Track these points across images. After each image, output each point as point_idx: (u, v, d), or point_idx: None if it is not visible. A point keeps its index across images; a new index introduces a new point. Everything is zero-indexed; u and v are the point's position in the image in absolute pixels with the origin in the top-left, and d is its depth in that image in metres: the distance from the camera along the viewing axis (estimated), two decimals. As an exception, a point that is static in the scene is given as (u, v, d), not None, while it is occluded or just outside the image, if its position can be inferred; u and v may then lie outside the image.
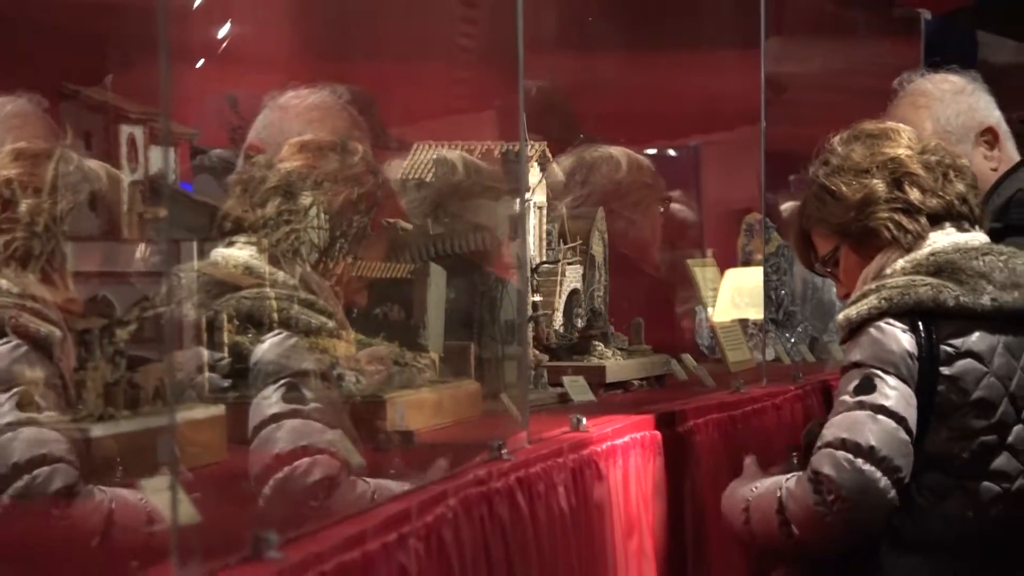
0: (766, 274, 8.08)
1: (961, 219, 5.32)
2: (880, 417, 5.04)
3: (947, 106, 6.05)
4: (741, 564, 5.76)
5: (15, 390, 4.00)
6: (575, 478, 5.02)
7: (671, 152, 9.19)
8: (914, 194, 5.31)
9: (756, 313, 7.89)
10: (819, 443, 5.14)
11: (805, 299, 7.99)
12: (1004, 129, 6.24)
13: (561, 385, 6.11)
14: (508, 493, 4.50)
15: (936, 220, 5.28)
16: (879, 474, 4.99)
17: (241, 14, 7.03)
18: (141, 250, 4.77)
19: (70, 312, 4.40)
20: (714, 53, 9.07)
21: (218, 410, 4.52)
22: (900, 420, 5.03)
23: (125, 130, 5.00)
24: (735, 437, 6.40)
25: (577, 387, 6.10)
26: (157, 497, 3.26)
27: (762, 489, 5.25)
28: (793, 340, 8.06)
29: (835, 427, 5.13)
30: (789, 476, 5.07)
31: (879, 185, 5.33)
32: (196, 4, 6.15)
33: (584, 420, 5.52)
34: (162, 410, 4.25)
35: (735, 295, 7.95)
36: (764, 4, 8.40)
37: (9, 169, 4.50)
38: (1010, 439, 5.09)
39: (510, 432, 5.00)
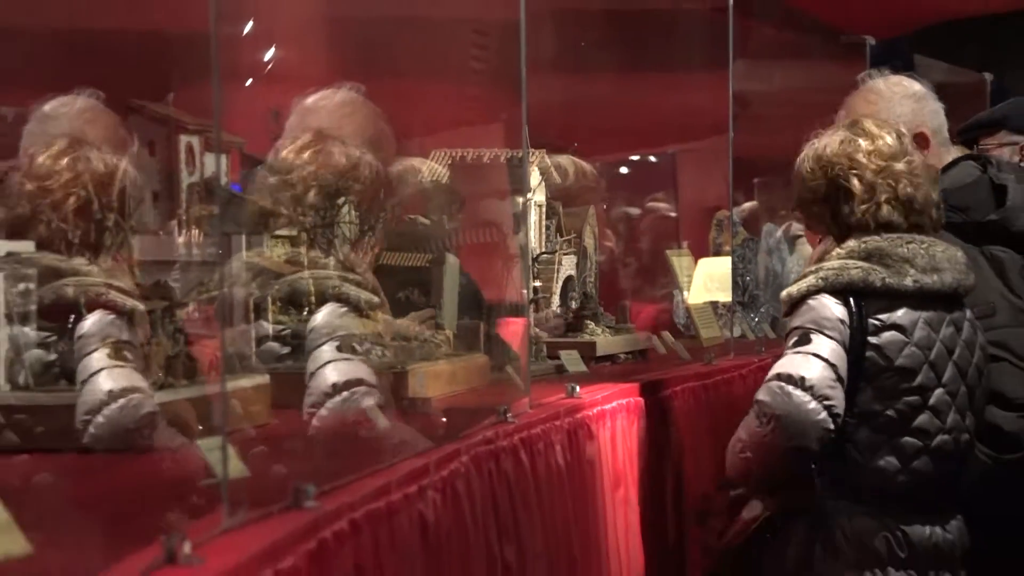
0: (733, 263, 8.10)
1: (915, 217, 5.36)
2: (812, 359, 5.12)
3: (893, 106, 6.02)
4: (714, 511, 5.73)
5: (107, 342, 4.04)
6: (570, 438, 5.03)
7: (652, 159, 9.18)
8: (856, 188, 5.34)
9: (725, 296, 7.90)
10: (766, 380, 5.20)
11: (767, 284, 7.99)
12: (942, 138, 6.18)
13: (558, 358, 6.10)
14: (512, 451, 4.51)
15: (882, 224, 5.30)
16: (808, 398, 5.04)
17: (281, 40, 7.02)
18: (197, 241, 4.79)
19: (130, 294, 4.42)
20: (690, 74, 9.05)
21: (263, 379, 4.52)
22: (831, 365, 5.09)
23: (184, 140, 5.03)
24: (707, 402, 6.40)
25: (571, 360, 6.10)
26: (210, 455, 3.25)
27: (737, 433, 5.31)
28: (757, 319, 8.07)
29: (775, 368, 5.23)
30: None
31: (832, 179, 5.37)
32: (244, 32, 6.14)
33: (578, 388, 5.53)
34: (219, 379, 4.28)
35: (707, 281, 7.97)
36: (731, 32, 8.41)
37: (83, 173, 4.52)
38: (931, 401, 5.13)
39: (514, 399, 5.01)
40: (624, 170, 10.61)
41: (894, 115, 5.93)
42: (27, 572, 2.57)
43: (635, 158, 8.54)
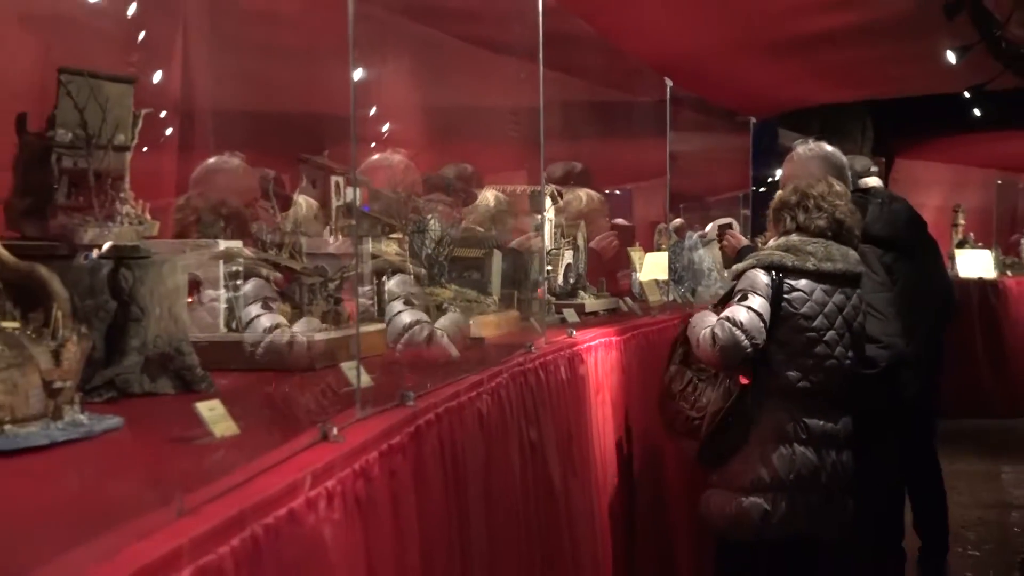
0: (668, 256, 8.05)
1: (818, 229, 5.35)
2: (748, 310, 5.06)
3: (807, 163, 5.90)
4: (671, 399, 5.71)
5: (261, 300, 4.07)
6: (569, 362, 5.00)
7: (618, 192, 9.11)
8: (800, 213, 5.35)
9: (663, 275, 7.84)
10: (719, 317, 5.19)
11: (687, 269, 7.93)
12: (845, 177, 6.10)
13: (562, 313, 6.04)
14: (534, 371, 4.49)
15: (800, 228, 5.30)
16: (740, 334, 5.00)
17: (392, 119, 6.97)
18: (342, 241, 4.75)
19: (304, 273, 4.38)
20: (643, 140, 8.99)
21: (380, 325, 4.49)
22: (759, 315, 5.05)
23: (333, 179, 5.00)
24: (652, 340, 6.36)
25: (570, 314, 6.03)
26: (349, 372, 3.22)
27: (696, 330, 5.26)
28: (682, 290, 8.00)
29: (725, 312, 5.16)
30: (706, 327, 5.11)
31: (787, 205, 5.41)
32: (370, 115, 6.07)
33: (575, 332, 5.49)
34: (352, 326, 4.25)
35: (652, 267, 7.93)
36: (668, 114, 8.34)
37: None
38: (825, 338, 5.11)
39: (535, 338, 4.96)
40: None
41: (807, 170, 5.89)
42: (240, 444, 2.53)
43: (607, 192, 8.46)
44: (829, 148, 6.16)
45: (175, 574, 1.73)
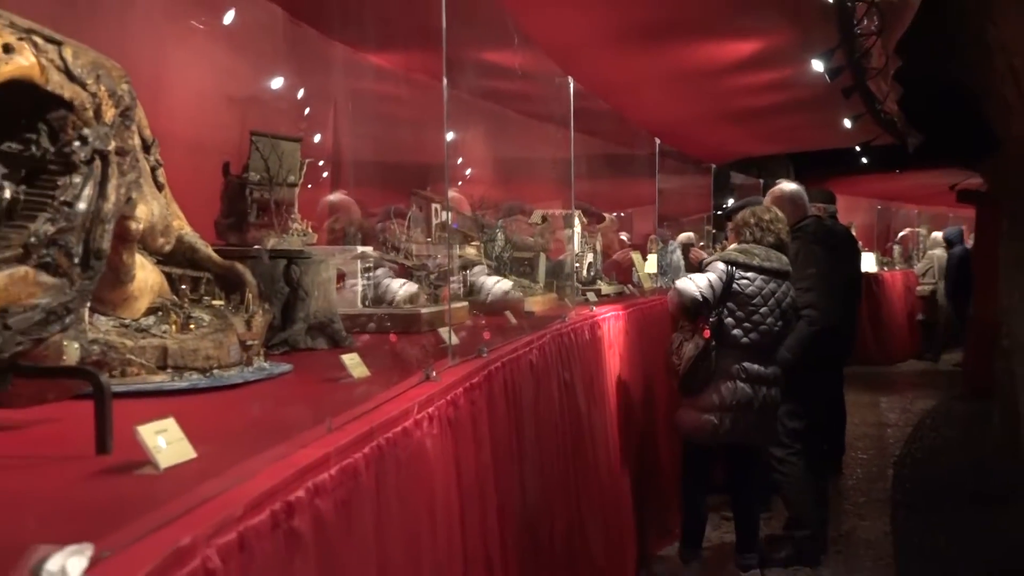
0: (657, 257, 7.99)
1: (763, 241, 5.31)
2: (704, 276, 5.14)
3: (776, 198, 5.89)
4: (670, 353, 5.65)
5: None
6: (591, 327, 4.95)
7: (623, 214, 9.01)
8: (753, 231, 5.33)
9: (654, 270, 7.78)
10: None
11: (668, 266, 7.82)
12: (801, 205, 6.05)
13: (585, 295, 5.97)
14: (568, 333, 4.45)
15: (753, 240, 5.26)
16: (693, 286, 5.11)
17: (472, 165, 6.93)
18: (439, 247, 4.73)
19: (413, 268, 4.36)
20: (640, 180, 8.89)
21: (465, 304, 4.47)
22: (710, 283, 5.10)
23: (433, 205, 4.93)
24: (646, 312, 6.26)
25: (591, 296, 5.97)
26: (444, 334, 3.21)
27: (670, 294, 5.38)
28: (666, 280, 7.89)
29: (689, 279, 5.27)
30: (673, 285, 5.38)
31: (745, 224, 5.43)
32: (457, 162, 6.04)
33: (595, 307, 5.41)
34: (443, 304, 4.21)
35: (646, 264, 7.86)
36: (656, 162, 8.27)
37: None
38: (761, 310, 5.09)
39: (567, 312, 4.90)
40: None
41: (787, 200, 5.91)
42: (370, 383, 2.52)
43: (616, 214, 8.39)
44: (795, 185, 6.19)
45: (325, 471, 1.71)
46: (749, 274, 5.17)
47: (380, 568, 1.95)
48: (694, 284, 5.17)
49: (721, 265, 5.20)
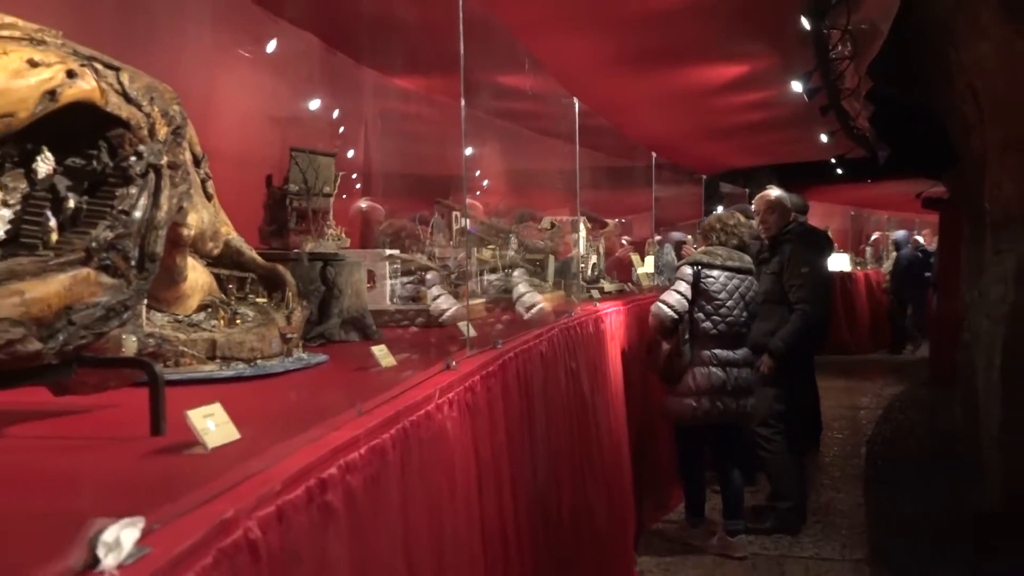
0: (654, 258, 7.93)
1: (728, 243, 5.30)
2: (675, 293, 5.20)
3: (774, 201, 5.87)
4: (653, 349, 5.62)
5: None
6: (595, 321, 4.92)
7: (624, 220, 8.99)
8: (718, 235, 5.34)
9: (651, 269, 7.73)
10: (658, 299, 5.35)
11: (665, 266, 7.76)
12: (784, 211, 6.01)
13: (590, 292, 5.95)
14: (574, 326, 4.43)
15: (719, 242, 5.25)
16: (668, 310, 5.16)
17: (489, 177, 6.92)
18: (459, 250, 4.70)
19: (435, 269, 4.34)
20: (639, 190, 8.85)
21: (483, 300, 4.44)
22: (683, 294, 5.15)
23: (453, 212, 4.91)
24: (644, 307, 6.19)
25: (595, 293, 5.94)
26: (463, 328, 3.19)
27: (650, 315, 5.39)
28: (662, 278, 7.84)
29: (663, 295, 5.34)
30: (652, 311, 5.34)
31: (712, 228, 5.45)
32: (476, 175, 6.03)
33: (598, 303, 5.40)
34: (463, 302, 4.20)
35: (644, 264, 7.81)
36: (653, 174, 8.25)
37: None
38: (727, 304, 5.14)
39: (573, 308, 4.88)
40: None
41: (770, 200, 5.90)
42: (397, 371, 2.51)
43: (618, 220, 8.35)
44: (782, 191, 6.17)
45: (356, 451, 1.70)
46: (714, 272, 5.23)
47: (405, 538, 1.94)
48: (667, 306, 5.23)
49: (687, 268, 5.26)
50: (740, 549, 5.39)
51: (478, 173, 6.49)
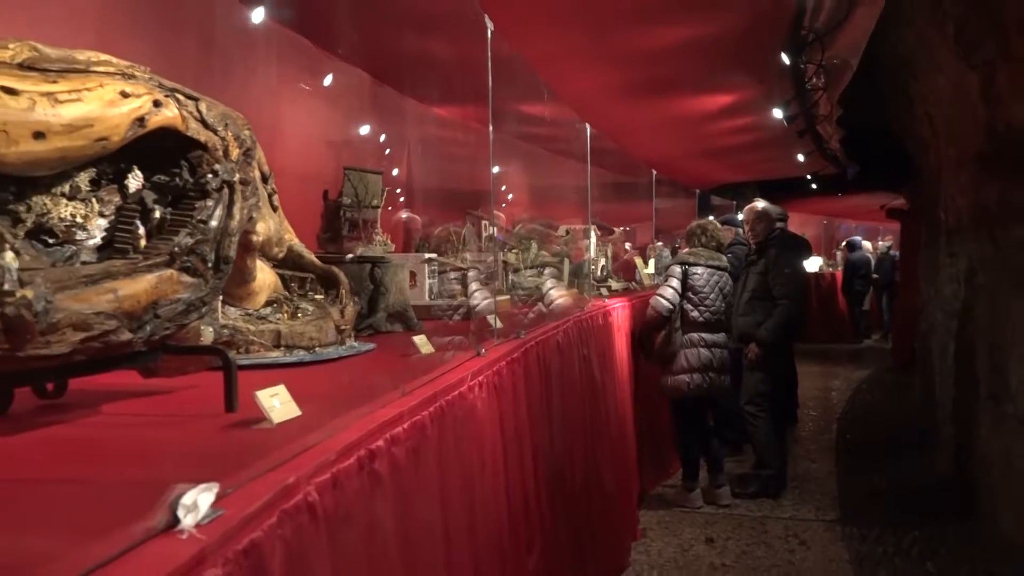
0: (655, 261, 7.87)
1: (708, 245, 5.24)
2: (669, 288, 5.16)
3: (759, 211, 5.78)
4: (645, 338, 5.56)
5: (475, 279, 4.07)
6: (604, 315, 4.88)
7: (628, 228, 8.91)
8: (700, 238, 5.30)
9: (652, 271, 7.66)
10: (655, 293, 5.29)
11: (662, 266, 7.70)
12: (769, 220, 5.78)
13: (600, 290, 5.90)
14: (585, 320, 4.38)
15: (700, 244, 5.22)
16: (665, 301, 5.11)
17: (511, 192, 6.90)
18: (488, 254, 4.67)
19: (466, 269, 4.31)
20: (640, 202, 8.79)
21: (507, 296, 4.41)
22: (675, 289, 5.14)
23: (483, 222, 4.88)
24: (646, 302, 6.15)
25: (604, 291, 5.89)
26: (492, 320, 3.16)
27: (649, 306, 5.31)
28: (661, 278, 7.77)
29: (659, 289, 5.29)
30: (651, 302, 5.29)
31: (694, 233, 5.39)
32: (502, 189, 6.00)
33: (606, 299, 5.35)
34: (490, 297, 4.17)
35: (647, 267, 7.75)
36: (653, 189, 8.19)
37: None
38: (710, 297, 5.15)
39: (585, 303, 4.84)
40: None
41: (756, 210, 5.79)
42: (434, 357, 2.49)
43: (623, 228, 8.29)
44: (765, 203, 6.08)
45: (399, 426, 1.69)
46: (698, 269, 5.23)
47: (442, 501, 1.92)
48: (664, 299, 5.20)
49: (677, 267, 5.28)
50: (726, 498, 5.49)
51: (503, 188, 6.46)
